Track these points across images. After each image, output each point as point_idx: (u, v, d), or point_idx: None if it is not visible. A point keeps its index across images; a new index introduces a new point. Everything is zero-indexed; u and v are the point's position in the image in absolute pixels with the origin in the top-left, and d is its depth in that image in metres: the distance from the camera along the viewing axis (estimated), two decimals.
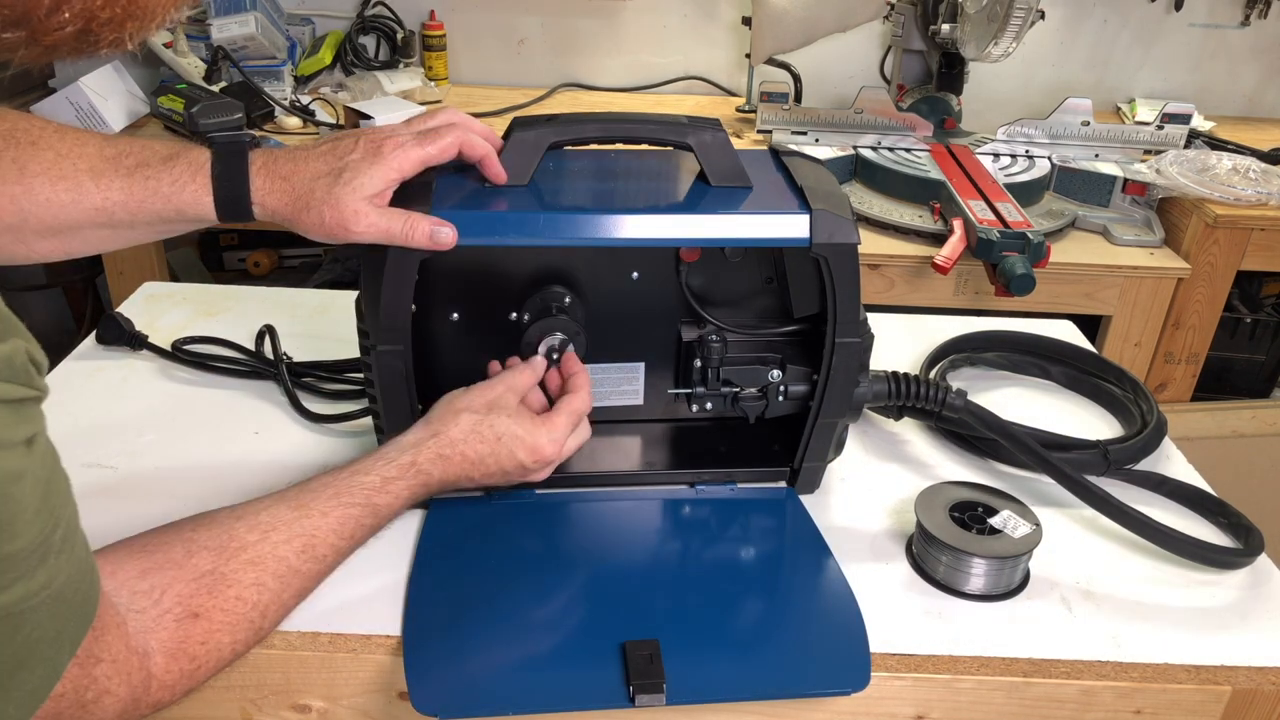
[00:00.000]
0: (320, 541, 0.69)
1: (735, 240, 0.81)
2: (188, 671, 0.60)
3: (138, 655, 0.57)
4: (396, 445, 0.76)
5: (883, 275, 1.65)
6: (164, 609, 0.60)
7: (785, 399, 0.88)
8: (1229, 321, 1.93)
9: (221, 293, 1.21)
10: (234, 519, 0.67)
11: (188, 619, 0.60)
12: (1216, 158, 1.85)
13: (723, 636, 0.76)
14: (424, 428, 0.78)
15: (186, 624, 0.60)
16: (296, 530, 0.68)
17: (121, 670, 0.56)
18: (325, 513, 0.70)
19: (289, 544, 0.67)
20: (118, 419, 0.97)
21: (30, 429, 0.47)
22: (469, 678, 0.71)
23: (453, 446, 0.77)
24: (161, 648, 0.59)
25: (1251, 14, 2.33)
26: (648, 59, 2.40)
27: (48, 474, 0.48)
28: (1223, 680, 0.75)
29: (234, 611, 0.63)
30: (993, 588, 0.81)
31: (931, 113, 1.93)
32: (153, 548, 0.62)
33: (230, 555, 0.64)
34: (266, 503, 0.69)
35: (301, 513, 0.69)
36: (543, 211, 0.78)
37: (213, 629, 0.62)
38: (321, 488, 0.71)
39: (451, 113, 0.82)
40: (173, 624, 0.60)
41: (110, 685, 0.55)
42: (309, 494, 0.71)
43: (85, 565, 0.52)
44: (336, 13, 2.29)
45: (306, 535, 0.68)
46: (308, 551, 0.68)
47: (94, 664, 0.54)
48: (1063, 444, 0.96)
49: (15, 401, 0.45)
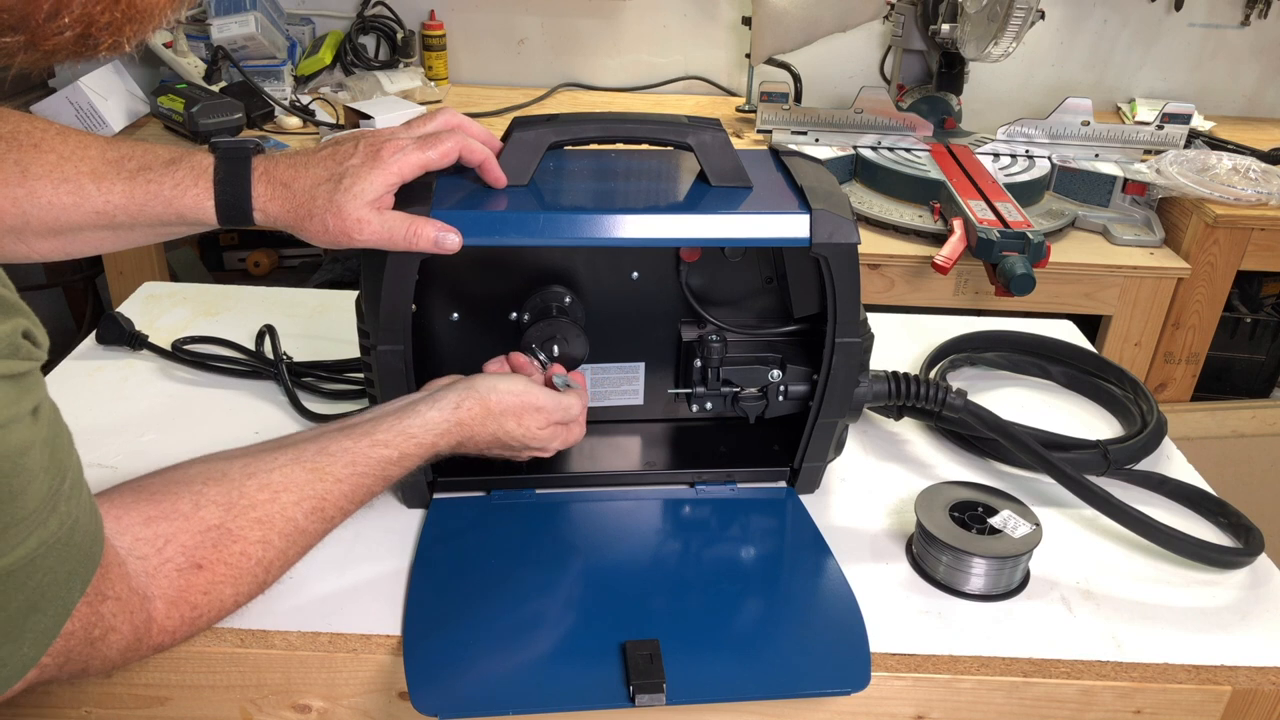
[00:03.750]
0: (330, 505, 0.69)
1: (735, 240, 0.81)
2: (189, 619, 0.61)
3: (139, 596, 0.58)
4: (421, 423, 0.75)
5: (883, 275, 1.65)
6: (165, 558, 0.60)
7: (785, 399, 0.88)
8: (1229, 321, 1.93)
9: (221, 293, 1.21)
10: (245, 476, 0.66)
11: (190, 569, 0.60)
12: (1216, 158, 1.85)
13: (723, 636, 0.76)
14: (451, 411, 0.76)
15: (189, 574, 0.60)
16: (308, 493, 0.67)
17: (125, 608, 0.56)
18: (340, 479, 0.69)
19: (299, 505, 0.66)
20: (118, 419, 0.97)
21: (33, 399, 0.48)
22: (469, 678, 0.71)
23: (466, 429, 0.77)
24: (162, 594, 0.59)
25: (1251, 14, 2.33)
26: (648, 59, 2.40)
27: (53, 434, 0.50)
28: (1223, 680, 0.75)
29: (238, 566, 0.63)
30: (993, 588, 0.81)
31: (931, 113, 1.93)
32: (160, 496, 0.62)
33: (239, 512, 0.63)
34: (281, 460, 0.68)
35: (316, 476, 0.68)
36: (543, 211, 0.78)
37: (215, 580, 0.62)
38: (340, 453, 0.70)
39: (450, 115, 0.81)
40: (174, 573, 0.60)
41: (115, 623, 0.56)
42: (326, 457, 0.70)
43: (90, 508, 0.54)
44: (336, 13, 2.29)
45: (318, 498, 0.68)
46: (317, 514, 0.68)
47: (100, 601, 0.54)
48: (1063, 444, 0.97)
49: (18, 376, 0.46)
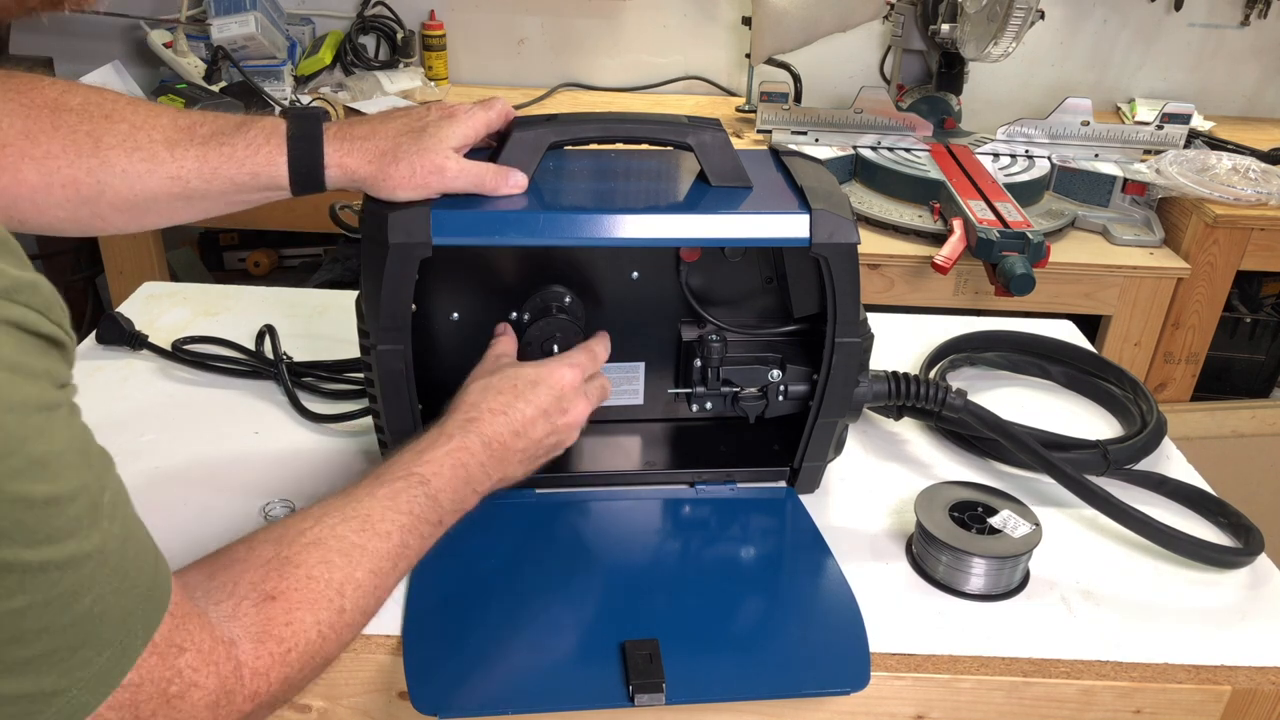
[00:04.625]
0: (376, 517, 0.67)
1: (735, 240, 0.81)
2: (278, 655, 0.58)
3: (224, 644, 0.55)
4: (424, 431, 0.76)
5: (883, 275, 1.65)
6: (240, 597, 0.58)
7: (785, 399, 0.88)
8: (1229, 321, 1.93)
9: (221, 293, 1.21)
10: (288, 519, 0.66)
11: (265, 602, 0.59)
12: (1216, 157, 1.85)
13: (722, 636, 0.76)
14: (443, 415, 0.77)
15: (265, 606, 0.59)
16: (349, 512, 0.67)
17: (208, 660, 0.54)
18: (371, 491, 0.69)
19: (345, 524, 0.66)
20: (118, 419, 0.97)
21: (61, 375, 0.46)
22: (469, 677, 0.71)
23: (474, 408, 0.76)
24: (246, 633, 0.57)
25: (1251, 14, 2.33)
26: (648, 59, 2.40)
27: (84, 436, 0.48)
28: (1223, 680, 0.75)
29: (308, 590, 0.61)
30: (993, 588, 0.81)
31: (931, 113, 1.92)
32: (214, 556, 0.62)
33: (289, 541, 0.63)
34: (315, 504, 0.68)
35: (348, 498, 0.68)
36: (543, 211, 0.78)
37: (292, 607, 0.60)
38: (361, 478, 0.71)
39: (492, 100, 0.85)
40: (251, 609, 0.58)
41: (197, 678, 0.53)
42: (351, 485, 0.70)
43: (147, 546, 0.52)
44: (336, 13, 2.29)
45: (360, 515, 0.67)
46: (368, 529, 0.66)
47: (176, 654, 0.52)
48: (1063, 444, 0.97)
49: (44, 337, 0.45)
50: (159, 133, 0.75)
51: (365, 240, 0.78)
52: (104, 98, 0.75)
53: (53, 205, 0.73)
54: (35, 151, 0.72)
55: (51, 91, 0.74)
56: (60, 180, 0.72)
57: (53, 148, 0.72)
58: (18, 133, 0.72)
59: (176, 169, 0.74)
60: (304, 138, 0.76)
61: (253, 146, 0.75)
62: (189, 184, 0.75)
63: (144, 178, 0.74)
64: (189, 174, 0.75)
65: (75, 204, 0.74)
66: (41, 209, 0.73)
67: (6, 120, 0.72)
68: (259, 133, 0.76)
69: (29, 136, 0.72)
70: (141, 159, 0.74)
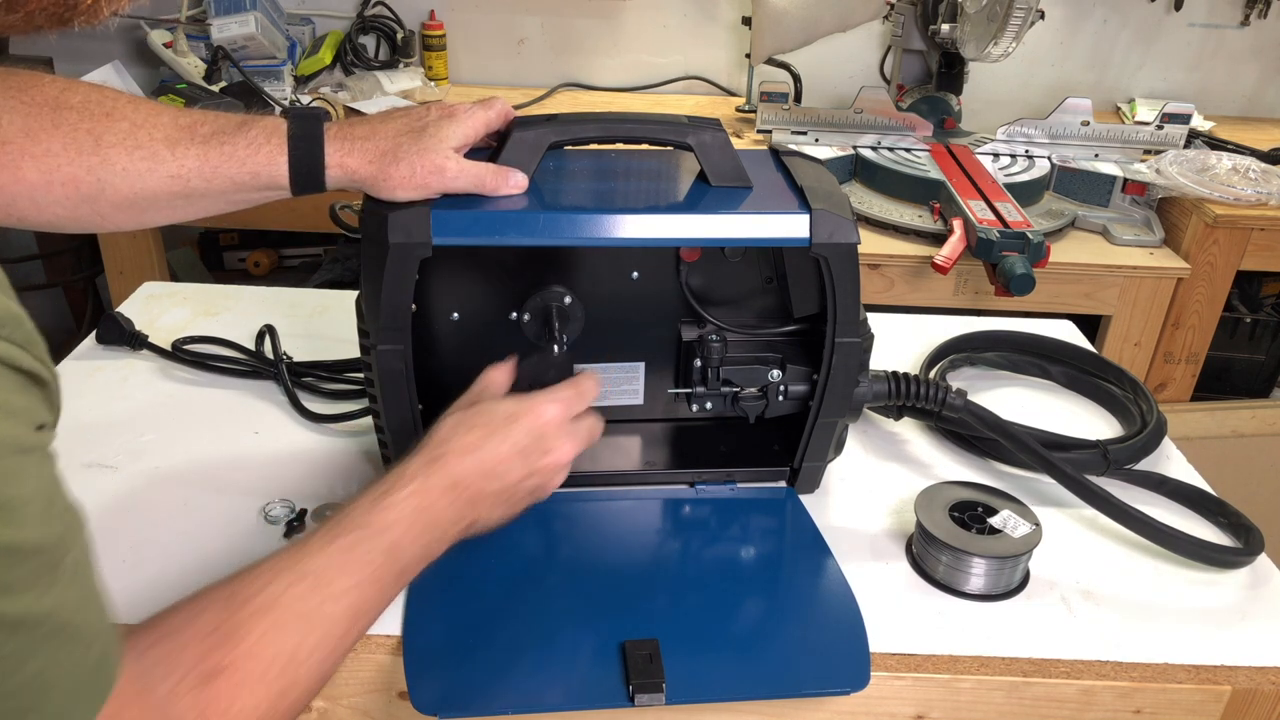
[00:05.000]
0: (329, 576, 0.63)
1: (735, 240, 0.81)
2: None
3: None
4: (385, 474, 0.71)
5: (883, 275, 1.65)
6: (180, 676, 0.54)
7: (785, 399, 0.87)
8: (1229, 321, 1.93)
9: (221, 292, 1.21)
10: (235, 575, 0.61)
11: (206, 683, 0.55)
12: (1216, 157, 1.85)
13: (722, 636, 0.76)
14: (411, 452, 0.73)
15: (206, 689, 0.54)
16: (302, 569, 0.62)
17: None
18: (324, 546, 0.64)
19: (296, 585, 0.61)
20: (118, 419, 0.97)
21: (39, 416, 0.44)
22: (469, 677, 0.71)
23: (442, 445, 0.71)
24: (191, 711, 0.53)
25: (1251, 14, 2.33)
26: (648, 59, 2.40)
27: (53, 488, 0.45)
28: (1223, 680, 0.75)
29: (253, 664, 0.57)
30: (993, 588, 0.81)
31: (931, 113, 1.92)
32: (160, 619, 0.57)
33: (237, 606, 0.58)
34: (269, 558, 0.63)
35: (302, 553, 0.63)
36: (543, 211, 0.78)
37: (236, 685, 0.56)
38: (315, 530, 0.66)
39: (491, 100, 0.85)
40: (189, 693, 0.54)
41: None
42: (308, 535, 0.65)
43: (102, 617, 0.48)
44: (336, 13, 2.29)
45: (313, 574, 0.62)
46: (320, 589, 0.62)
47: None
48: (1063, 444, 0.97)
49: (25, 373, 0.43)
50: (160, 131, 0.75)
51: (365, 240, 0.78)
52: (104, 96, 0.75)
53: (53, 203, 0.73)
54: (35, 149, 0.72)
55: (52, 89, 0.74)
56: (60, 178, 0.72)
57: (53, 145, 0.72)
58: (18, 130, 0.72)
59: (177, 168, 0.74)
60: (305, 137, 0.76)
61: (253, 146, 0.75)
62: (189, 183, 0.75)
63: (144, 176, 0.74)
64: (189, 173, 0.75)
65: (75, 202, 0.74)
66: (41, 207, 0.73)
67: (7, 118, 0.71)
68: (260, 132, 0.76)
69: (29, 134, 0.72)
70: (142, 157, 0.74)
